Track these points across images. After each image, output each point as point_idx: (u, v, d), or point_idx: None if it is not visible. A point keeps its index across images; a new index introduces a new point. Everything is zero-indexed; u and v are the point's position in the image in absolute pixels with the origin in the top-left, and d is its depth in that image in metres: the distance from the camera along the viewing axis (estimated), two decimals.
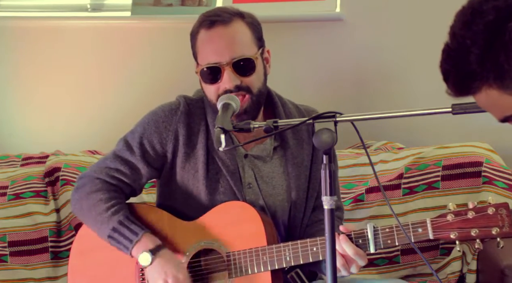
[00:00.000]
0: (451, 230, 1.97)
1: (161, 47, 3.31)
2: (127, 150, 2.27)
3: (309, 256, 2.10)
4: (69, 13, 3.48)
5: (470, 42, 1.31)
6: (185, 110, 2.26)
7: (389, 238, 2.03)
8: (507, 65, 1.29)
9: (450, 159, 2.85)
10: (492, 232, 1.94)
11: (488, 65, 1.31)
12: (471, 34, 1.31)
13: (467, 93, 1.37)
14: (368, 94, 3.21)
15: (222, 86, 2.15)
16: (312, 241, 2.10)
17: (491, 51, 1.30)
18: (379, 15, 3.18)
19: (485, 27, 1.30)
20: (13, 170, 3.09)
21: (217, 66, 2.15)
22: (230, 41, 2.16)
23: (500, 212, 1.94)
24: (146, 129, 2.27)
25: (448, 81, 1.38)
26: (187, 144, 2.24)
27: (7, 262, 2.89)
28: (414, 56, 3.13)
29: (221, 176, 2.23)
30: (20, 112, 3.43)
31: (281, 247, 2.12)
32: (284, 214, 2.27)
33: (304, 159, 2.28)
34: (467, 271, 2.72)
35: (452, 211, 1.98)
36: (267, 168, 2.27)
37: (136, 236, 2.16)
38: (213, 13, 2.21)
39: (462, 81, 1.36)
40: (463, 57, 1.32)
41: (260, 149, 2.27)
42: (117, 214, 2.20)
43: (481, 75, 1.32)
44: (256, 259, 2.14)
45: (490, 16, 1.30)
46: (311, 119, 1.77)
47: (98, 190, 2.25)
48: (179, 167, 2.25)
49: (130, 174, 2.27)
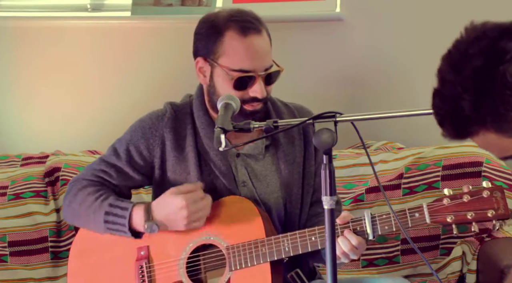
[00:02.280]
0: (448, 214, 2.00)
1: (161, 47, 3.31)
2: (113, 155, 2.30)
3: (307, 246, 2.11)
4: (69, 13, 3.48)
5: (461, 89, 1.30)
6: (171, 116, 2.29)
7: (386, 224, 2.05)
8: (503, 110, 1.29)
9: (450, 159, 2.85)
10: (488, 214, 1.97)
11: (483, 111, 1.30)
12: (460, 80, 1.31)
13: (464, 137, 1.38)
14: (368, 94, 3.21)
15: (252, 94, 2.17)
16: (310, 231, 2.11)
17: (485, 96, 1.29)
18: (379, 15, 3.18)
19: (474, 73, 1.29)
20: (13, 170, 3.09)
21: (253, 74, 2.16)
22: (264, 51, 2.19)
23: (495, 194, 1.98)
24: (133, 136, 2.30)
25: (443, 127, 1.38)
26: (176, 148, 2.26)
27: (7, 262, 2.89)
28: (414, 56, 3.13)
29: (214, 177, 2.25)
30: (20, 112, 3.43)
31: (279, 238, 2.14)
32: (280, 211, 2.28)
33: (296, 156, 2.30)
34: (467, 271, 2.72)
35: (448, 195, 2.02)
36: (260, 166, 2.29)
37: (127, 210, 2.18)
38: (242, 18, 2.19)
39: (459, 127, 1.37)
40: (456, 103, 1.32)
41: (252, 147, 2.28)
42: (106, 200, 2.23)
43: (478, 121, 1.33)
44: (255, 251, 2.15)
45: (478, 61, 1.29)
46: (311, 119, 1.77)
47: (85, 187, 2.29)
48: (170, 171, 2.27)
49: (116, 175, 2.30)
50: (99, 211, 2.21)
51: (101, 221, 2.21)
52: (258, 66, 2.17)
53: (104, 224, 2.21)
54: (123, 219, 2.18)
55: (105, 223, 2.21)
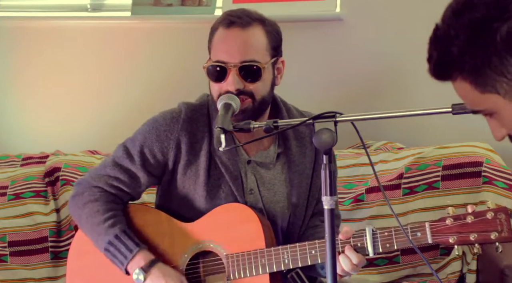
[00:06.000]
0: (450, 235, 1.96)
1: (161, 47, 3.31)
2: (127, 157, 2.25)
3: (307, 259, 2.09)
4: (69, 13, 3.48)
5: (453, 34, 1.33)
6: (187, 118, 2.24)
7: (388, 241, 2.02)
8: (481, 64, 1.31)
9: (450, 159, 2.85)
10: (491, 237, 1.92)
11: (465, 59, 1.32)
12: (455, 25, 1.33)
13: (443, 78, 1.40)
14: (368, 94, 3.21)
15: (224, 87, 2.15)
16: (311, 244, 2.09)
17: (471, 47, 1.31)
18: (379, 15, 3.18)
19: (469, 23, 1.31)
20: (13, 170, 3.09)
21: (224, 66, 2.15)
22: (243, 44, 2.15)
23: (499, 216, 1.93)
24: (147, 138, 2.24)
25: (430, 62, 1.40)
26: (190, 151, 2.22)
27: (7, 262, 2.89)
28: (414, 56, 3.11)
29: (223, 181, 2.22)
30: (20, 112, 3.43)
31: (279, 249, 2.12)
32: (284, 221, 2.26)
33: (306, 167, 2.27)
34: (467, 271, 2.72)
35: (451, 215, 1.97)
36: (269, 175, 2.26)
37: (131, 253, 2.15)
38: (236, 14, 2.20)
39: (441, 67, 1.38)
40: (446, 45, 1.34)
41: (264, 156, 2.26)
42: (113, 227, 2.18)
43: (458, 66, 1.35)
44: (254, 261, 2.13)
45: (477, 13, 1.31)
46: (311, 119, 1.76)
47: (96, 200, 2.24)
48: (180, 173, 2.24)
49: (130, 182, 2.25)
50: (104, 236, 2.18)
51: (101, 246, 2.19)
52: (232, 58, 2.14)
53: (104, 251, 2.19)
54: (124, 258, 2.16)
55: (105, 250, 2.18)
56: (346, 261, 2.01)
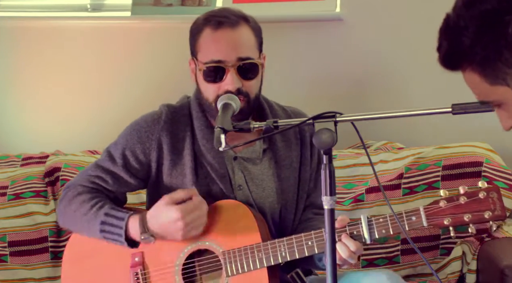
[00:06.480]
0: (444, 217, 2.00)
1: (161, 47, 3.31)
2: (109, 160, 2.28)
3: (304, 251, 2.10)
4: (69, 13, 3.48)
5: (463, 25, 1.33)
6: (168, 119, 2.27)
7: (384, 227, 2.04)
8: (493, 57, 1.32)
9: (450, 159, 2.85)
10: (485, 216, 1.97)
11: (477, 50, 1.33)
12: (467, 16, 1.34)
13: (452, 68, 1.40)
14: (367, 94, 3.21)
15: (223, 87, 2.15)
16: (307, 235, 2.10)
17: (483, 39, 1.32)
18: (379, 15, 3.18)
19: (480, 15, 1.32)
20: (13, 170, 3.09)
21: (222, 65, 2.15)
22: (237, 43, 2.17)
23: (491, 195, 1.98)
24: (128, 140, 2.27)
25: (439, 52, 1.41)
26: (172, 151, 2.24)
27: (7, 262, 2.89)
28: (414, 56, 3.13)
29: (210, 180, 2.24)
30: (20, 112, 3.43)
31: (276, 243, 2.13)
32: (275, 216, 2.27)
33: (293, 161, 2.29)
34: (467, 271, 2.72)
35: (444, 198, 2.01)
36: (257, 170, 2.27)
37: (123, 221, 2.15)
38: (220, 14, 2.21)
39: (451, 57, 1.39)
40: (457, 35, 1.35)
41: (250, 151, 2.27)
42: (101, 208, 2.20)
43: (469, 58, 1.35)
44: (251, 256, 2.14)
45: (488, 5, 1.31)
46: (311, 119, 1.76)
47: (80, 194, 2.26)
48: (165, 174, 2.26)
49: (112, 182, 2.27)
50: (95, 220, 2.19)
51: (96, 230, 2.19)
52: (229, 57, 2.15)
53: (100, 233, 2.19)
54: (119, 229, 2.16)
55: (101, 232, 2.19)
56: (343, 249, 2.03)
